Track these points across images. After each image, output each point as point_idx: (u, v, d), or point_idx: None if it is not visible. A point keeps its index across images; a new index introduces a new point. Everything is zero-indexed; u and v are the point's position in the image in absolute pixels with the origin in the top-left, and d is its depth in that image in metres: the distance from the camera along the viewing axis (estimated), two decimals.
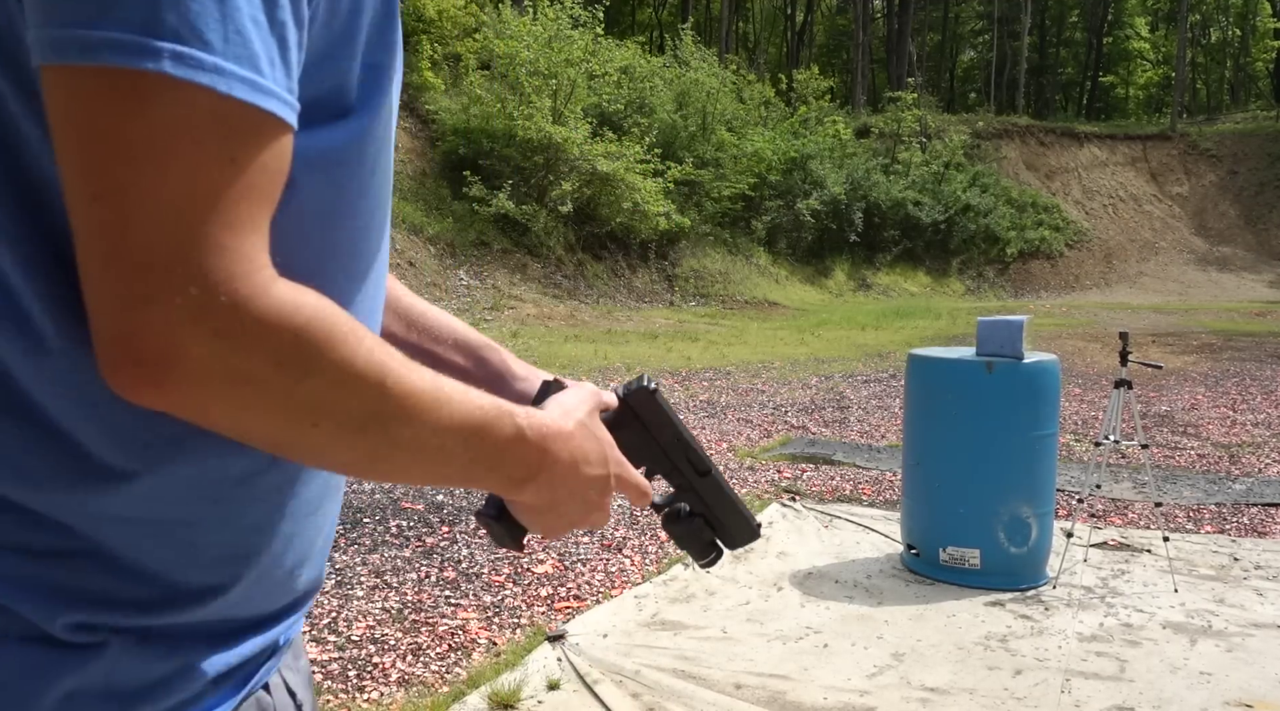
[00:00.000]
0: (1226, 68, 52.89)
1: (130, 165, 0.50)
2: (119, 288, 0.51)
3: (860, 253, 26.69)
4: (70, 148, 0.51)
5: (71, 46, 0.49)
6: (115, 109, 0.50)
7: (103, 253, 0.51)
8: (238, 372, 0.53)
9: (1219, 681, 3.00)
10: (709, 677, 3.00)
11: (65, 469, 0.59)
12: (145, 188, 0.50)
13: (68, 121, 0.50)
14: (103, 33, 0.49)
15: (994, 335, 3.83)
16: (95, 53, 0.49)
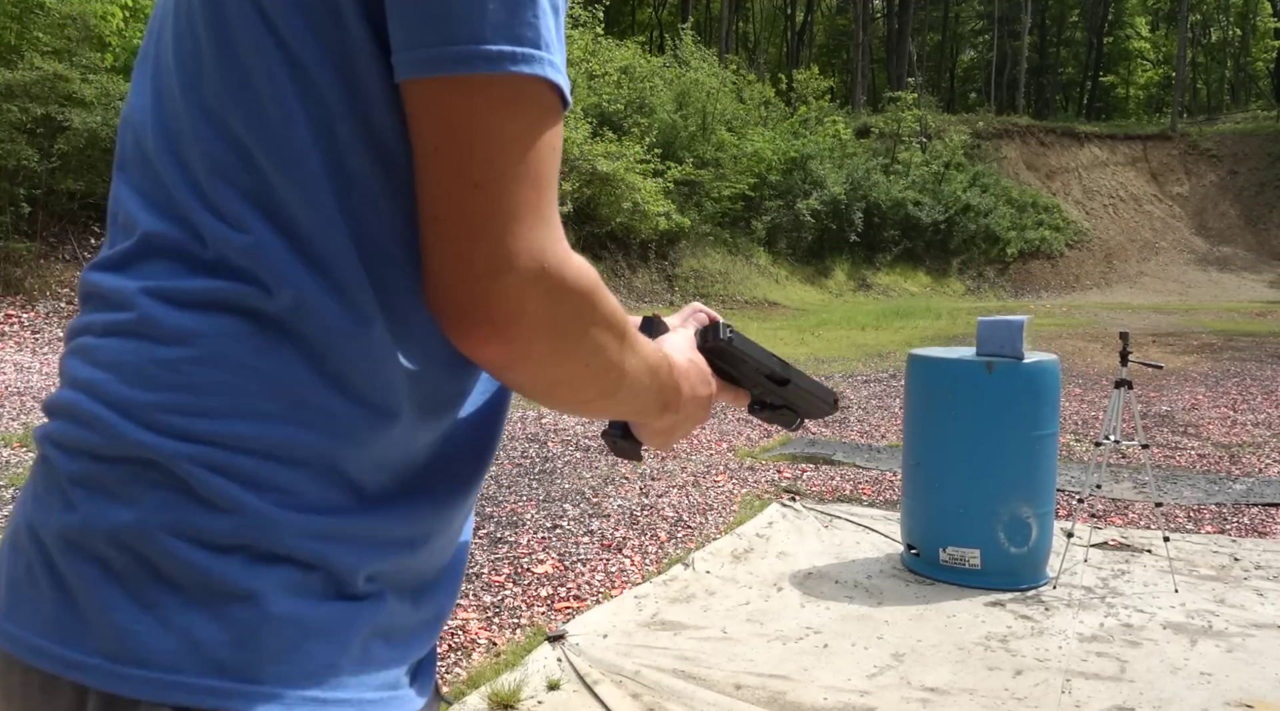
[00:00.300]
0: (1227, 68, 52.87)
1: (507, 156, 0.61)
2: (482, 260, 0.61)
3: (860, 253, 26.68)
4: (455, 144, 0.61)
5: (464, 60, 0.59)
6: (499, 109, 0.60)
7: (472, 231, 0.61)
8: (556, 325, 0.64)
9: (1219, 681, 3.00)
10: (709, 677, 2.99)
11: (377, 435, 0.66)
12: (514, 174, 0.61)
13: (453, 122, 0.60)
14: (501, 45, 0.59)
15: (994, 335, 3.82)
16: (495, 63, 0.59)
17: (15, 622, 0.63)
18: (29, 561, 0.64)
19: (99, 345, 0.65)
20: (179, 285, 0.64)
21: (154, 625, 0.60)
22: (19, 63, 11.10)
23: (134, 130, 0.70)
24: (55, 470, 0.64)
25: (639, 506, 5.05)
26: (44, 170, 11.15)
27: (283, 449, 0.63)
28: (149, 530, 0.61)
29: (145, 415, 0.62)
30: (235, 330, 0.63)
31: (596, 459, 6.18)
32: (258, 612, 0.61)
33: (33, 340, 9.86)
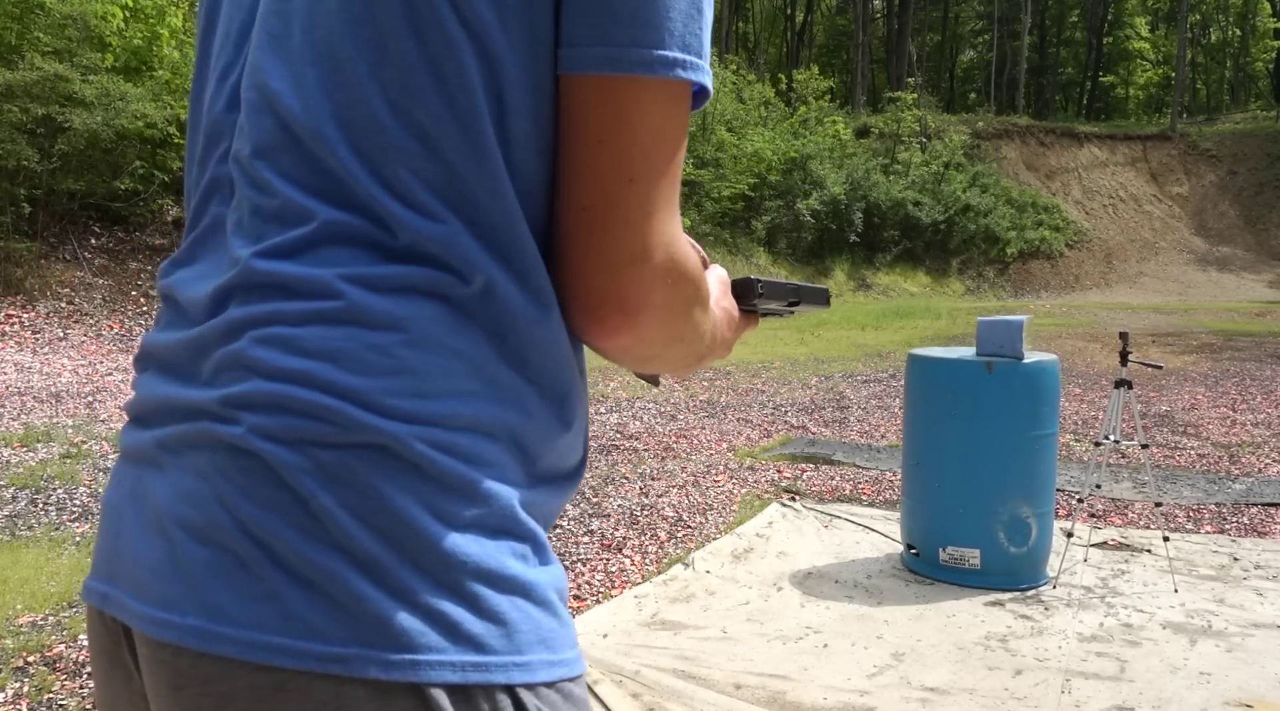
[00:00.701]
0: (1226, 68, 52.88)
1: (660, 153, 0.66)
2: (625, 251, 0.66)
3: (860, 253, 26.69)
4: (621, 139, 0.65)
5: (646, 63, 0.64)
6: (664, 110, 0.65)
7: (621, 222, 0.66)
8: (672, 310, 0.70)
9: (1219, 681, 3.00)
10: (709, 677, 3.00)
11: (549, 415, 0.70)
12: (663, 171, 0.66)
13: (623, 118, 0.65)
14: (673, 53, 0.64)
15: (994, 335, 3.83)
16: (671, 69, 0.64)
17: (235, 625, 0.60)
18: (244, 560, 0.60)
19: (301, 334, 0.63)
20: (376, 271, 0.64)
21: (409, 609, 0.60)
22: (19, 63, 11.10)
23: (275, 115, 0.67)
24: (272, 464, 0.61)
25: (639, 506, 5.05)
26: (44, 170, 11.16)
27: (488, 426, 0.65)
28: (391, 514, 0.61)
29: (372, 400, 0.61)
30: (434, 314, 0.64)
31: (596, 459, 6.19)
32: (497, 586, 0.63)
33: (33, 340, 9.87)
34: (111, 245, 12.10)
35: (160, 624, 0.62)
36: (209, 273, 0.70)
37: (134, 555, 0.65)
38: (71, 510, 4.71)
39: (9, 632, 3.26)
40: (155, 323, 0.76)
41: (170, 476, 0.65)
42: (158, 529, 0.64)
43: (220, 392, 0.63)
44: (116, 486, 0.71)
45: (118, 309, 11.14)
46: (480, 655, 0.62)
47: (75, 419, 6.82)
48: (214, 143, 0.73)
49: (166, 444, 0.66)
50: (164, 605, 0.62)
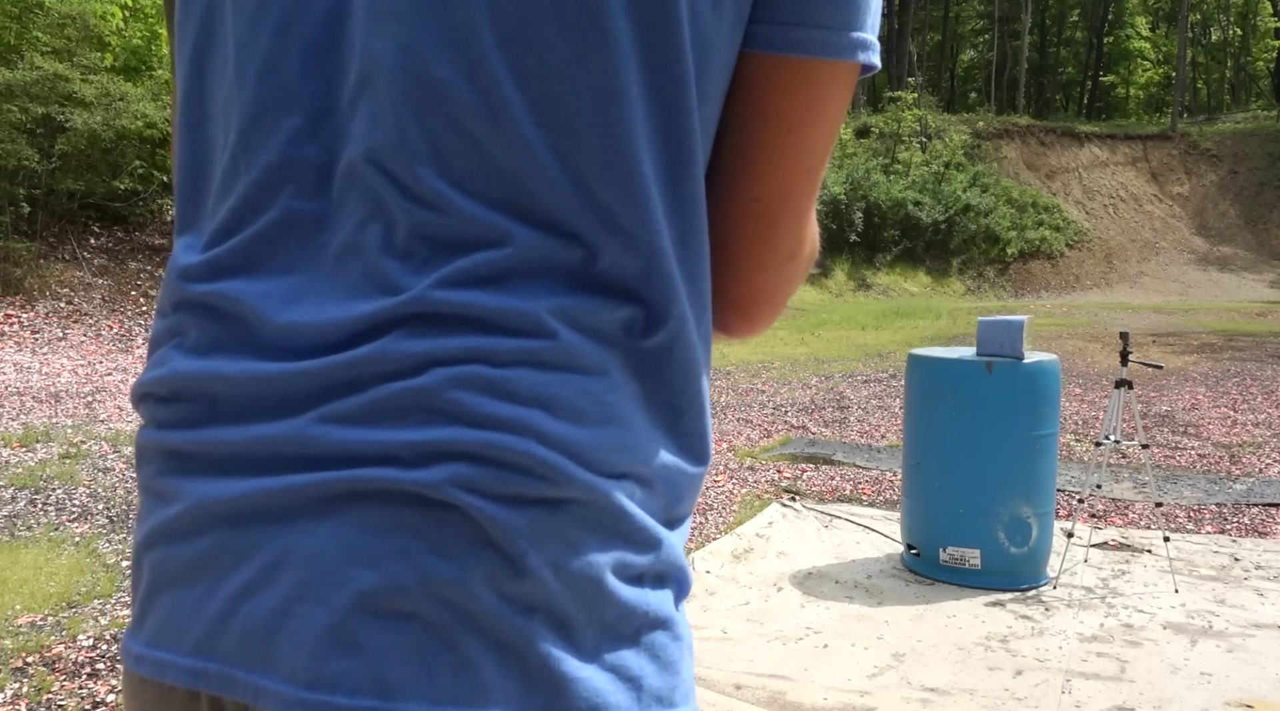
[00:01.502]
0: (1227, 67, 52.88)
1: (832, 141, 0.63)
2: (788, 244, 0.64)
3: (860, 253, 26.68)
4: (814, 126, 0.61)
5: (851, 48, 0.59)
6: (849, 97, 0.62)
7: (790, 218, 0.63)
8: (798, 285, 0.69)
9: (1219, 681, 3.00)
10: (709, 677, 2.99)
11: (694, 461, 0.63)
12: (825, 160, 0.63)
13: (818, 106, 0.60)
14: (868, 35, 0.60)
15: (994, 335, 3.82)
16: (867, 52, 0.60)
17: (420, 701, 0.52)
18: (429, 625, 0.52)
19: (512, 376, 0.54)
20: (581, 304, 0.56)
21: (598, 669, 0.55)
22: (19, 62, 11.11)
23: (444, 112, 0.54)
24: (476, 519, 0.53)
25: None
26: (44, 170, 11.16)
27: (660, 474, 0.59)
28: (589, 571, 0.55)
29: (586, 453, 0.55)
30: (622, 355, 0.57)
31: None
32: (668, 636, 0.60)
33: (32, 340, 9.87)
34: (111, 245, 12.10)
35: (320, 707, 0.52)
36: (313, 288, 0.57)
37: (261, 624, 0.54)
38: (70, 510, 4.70)
39: (8, 633, 3.26)
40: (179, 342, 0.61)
41: (320, 530, 0.54)
42: (308, 593, 0.53)
43: (403, 437, 0.53)
44: (196, 544, 0.57)
45: (117, 309, 11.14)
46: (659, 707, 0.58)
47: (74, 419, 6.82)
48: (273, 114, 0.58)
49: (301, 494, 0.54)
50: (320, 684, 0.52)
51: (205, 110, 0.63)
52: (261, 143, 0.58)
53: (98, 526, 4.47)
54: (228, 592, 0.55)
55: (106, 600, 3.59)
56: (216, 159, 0.62)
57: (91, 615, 3.44)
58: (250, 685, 0.54)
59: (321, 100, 0.57)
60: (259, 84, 0.58)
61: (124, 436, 6.29)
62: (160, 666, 0.58)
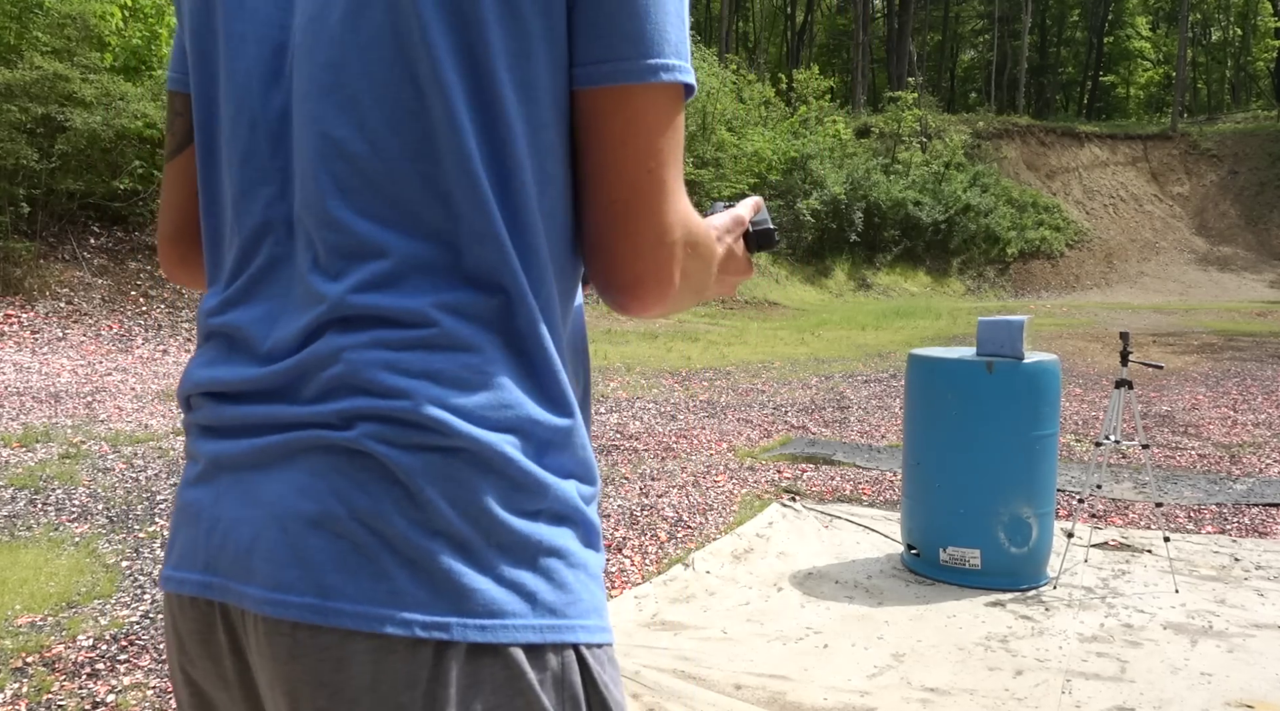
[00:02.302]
0: (1227, 67, 52.87)
1: (670, 144, 0.77)
2: (655, 231, 0.77)
3: (860, 253, 26.68)
4: (636, 138, 0.75)
5: (652, 71, 0.75)
6: (670, 109, 0.76)
7: (646, 211, 0.76)
8: (692, 276, 0.82)
9: (1220, 682, 3.00)
10: (709, 678, 2.99)
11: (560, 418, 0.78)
12: (673, 159, 0.77)
13: (639, 121, 0.75)
14: (670, 59, 0.76)
15: (994, 335, 3.82)
16: (669, 73, 0.75)
17: (348, 601, 0.70)
18: (356, 544, 0.71)
19: (404, 357, 0.73)
20: (458, 297, 0.74)
21: (495, 583, 0.72)
22: (19, 62, 11.10)
23: (345, 160, 0.74)
24: (386, 465, 0.71)
25: (639, 506, 5.04)
26: (44, 170, 11.15)
27: (535, 427, 0.75)
28: (481, 506, 0.72)
29: (469, 412, 0.72)
30: (495, 335, 0.75)
31: (596, 459, 6.17)
32: (565, 562, 0.76)
33: (32, 340, 9.86)
34: (111, 245, 12.09)
35: (277, 604, 0.71)
36: (282, 309, 0.78)
37: (242, 546, 0.74)
38: (70, 510, 4.70)
39: (8, 633, 3.26)
40: (202, 358, 0.84)
41: (279, 476, 0.74)
42: (273, 522, 0.73)
43: (333, 407, 0.73)
44: (209, 488, 0.79)
45: (117, 309, 11.13)
46: (555, 619, 0.74)
47: (74, 419, 6.82)
48: (254, 187, 0.80)
49: (272, 450, 0.75)
50: (279, 587, 0.71)
51: (213, 193, 0.85)
52: (248, 209, 0.80)
53: (97, 526, 4.47)
54: (225, 524, 0.76)
55: (106, 600, 3.58)
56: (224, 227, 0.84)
57: (91, 615, 3.44)
58: (238, 592, 0.74)
59: (285, 172, 0.78)
60: (243, 168, 0.80)
61: (123, 436, 6.29)
62: (181, 582, 0.79)
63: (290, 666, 0.71)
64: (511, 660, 0.71)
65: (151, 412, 7.15)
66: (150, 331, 10.83)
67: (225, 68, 0.81)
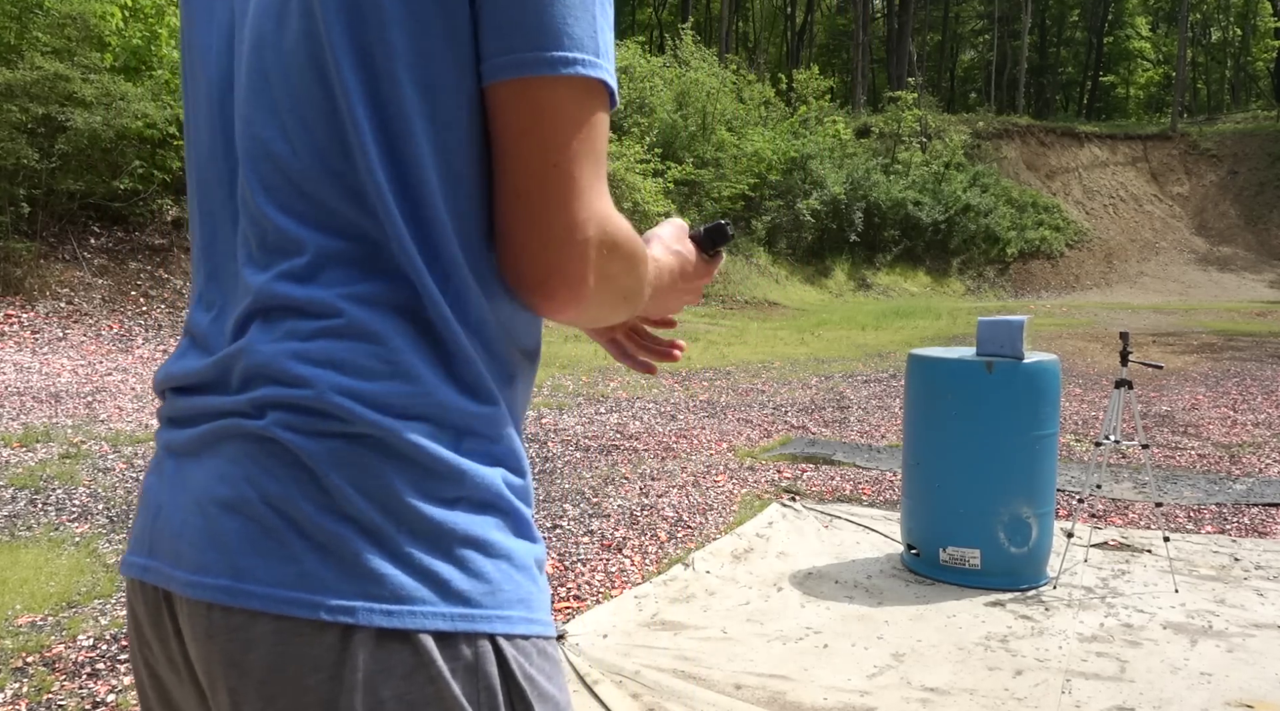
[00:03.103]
0: (1227, 67, 52.87)
1: (577, 140, 0.75)
2: (560, 227, 0.75)
3: (860, 253, 26.68)
4: (537, 133, 0.74)
5: (550, 64, 0.74)
6: (573, 103, 0.75)
7: (553, 203, 0.75)
8: (611, 277, 0.79)
9: (1219, 681, 3.00)
10: (709, 678, 2.99)
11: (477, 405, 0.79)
12: (582, 155, 0.75)
13: (539, 115, 0.74)
14: (573, 53, 0.74)
15: (994, 335, 3.82)
16: (570, 67, 0.74)
17: (258, 582, 0.72)
18: (267, 528, 0.73)
19: (311, 347, 0.75)
20: (367, 289, 0.75)
21: (406, 569, 0.72)
22: (19, 62, 11.09)
23: (270, 160, 0.78)
24: (292, 450, 0.73)
25: (639, 506, 5.05)
26: (44, 170, 11.15)
27: (451, 415, 0.76)
28: (390, 492, 0.73)
29: (372, 399, 0.74)
30: (404, 323, 0.76)
31: (596, 459, 6.18)
32: (483, 551, 0.76)
33: (32, 340, 9.86)
34: (111, 245, 12.09)
35: (196, 586, 0.74)
36: (228, 303, 0.82)
37: (173, 530, 0.78)
38: (71, 510, 4.70)
39: (8, 633, 3.26)
40: (173, 355, 0.89)
41: (206, 463, 0.77)
42: (195, 507, 0.76)
43: (248, 396, 0.76)
44: (157, 474, 0.83)
45: (117, 309, 11.13)
46: (467, 608, 0.74)
47: (74, 419, 6.82)
48: (212, 189, 0.84)
49: (203, 438, 0.78)
50: (199, 569, 0.74)
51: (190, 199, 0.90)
52: (208, 210, 0.85)
53: (98, 526, 4.47)
54: (164, 509, 0.80)
55: (106, 600, 3.59)
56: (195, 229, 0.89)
57: (91, 615, 3.44)
58: (169, 575, 0.77)
59: (234, 173, 0.82)
60: (204, 171, 0.86)
61: (124, 436, 6.29)
62: (129, 566, 0.82)
63: (207, 646, 0.74)
64: (421, 647, 0.72)
65: (152, 412, 7.15)
66: (150, 331, 10.83)
67: (200, 78, 0.87)
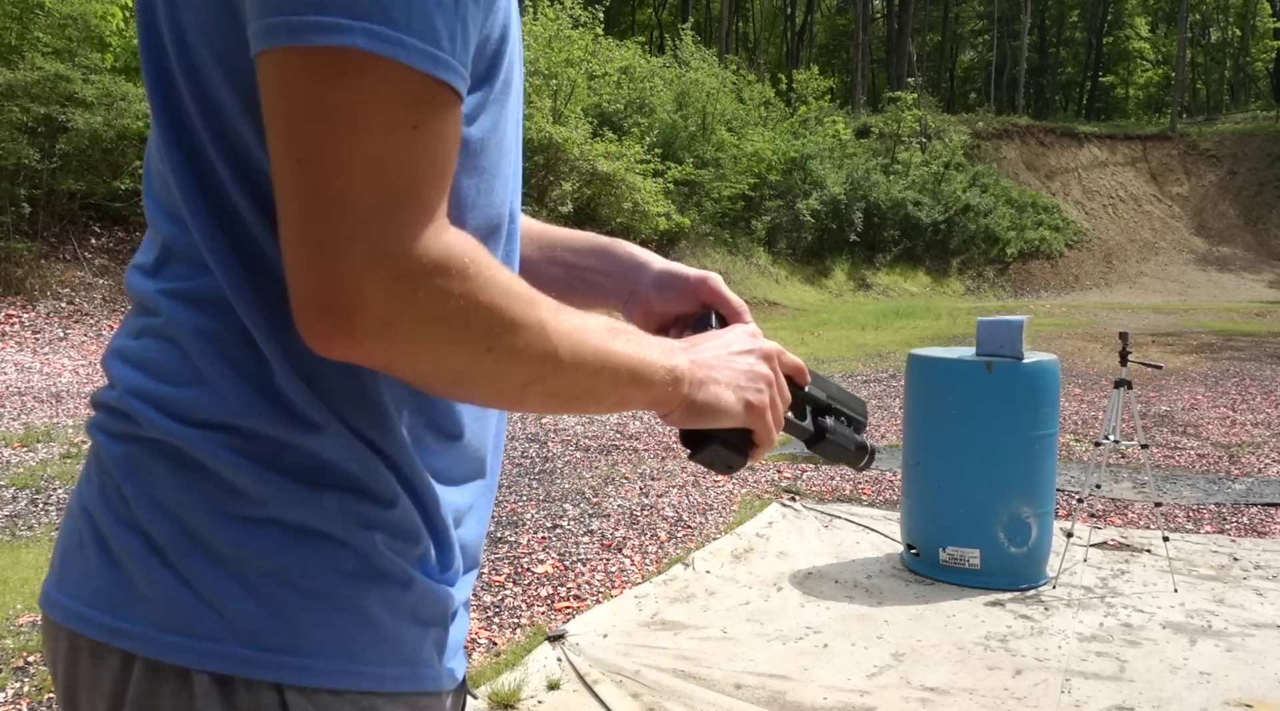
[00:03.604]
0: (1226, 68, 52.87)
1: (330, 130, 0.57)
2: (312, 244, 0.58)
3: (860, 253, 26.67)
4: (279, 119, 0.58)
5: (281, 30, 0.57)
6: (318, 81, 0.57)
7: (301, 210, 0.58)
8: (418, 314, 0.59)
9: (1218, 681, 3.00)
10: (709, 677, 3.00)
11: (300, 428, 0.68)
12: (341, 150, 0.57)
13: (279, 97, 0.58)
14: (306, 16, 0.56)
15: (994, 335, 3.83)
16: (301, 34, 0.56)
17: (65, 593, 0.69)
18: (81, 536, 0.69)
19: (131, 345, 0.71)
20: (190, 285, 0.68)
21: (193, 595, 0.64)
22: (20, 63, 11.10)
23: (149, 161, 0.75)
24: (101, 455, 0.70)
25: (639, 506, 5.05)
26: (45, 170, 11.16)
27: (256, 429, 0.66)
28: (186, 507, 0.66)
29: (171, 406, 0.67)
30: (221, 327, 0.67)
31: (596, 459, 6.19)
32: (291, 586, 0.65)
33: (33, 340, 9.86)
34: (112, 245, 12.10)
35: (46, 597, 0.72)
36: None
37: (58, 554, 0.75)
38: None
39: (9, 632, 3.26)
40: None
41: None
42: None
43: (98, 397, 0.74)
44: None
45: (118, 309, 11.14)
46: (252, 649, 0.64)
47: (75, 419, 6.82)
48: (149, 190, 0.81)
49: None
50: (51, 572, 0.73)
51: None
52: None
53: None
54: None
55: None
56: None
57: None
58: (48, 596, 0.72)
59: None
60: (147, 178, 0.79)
61: None
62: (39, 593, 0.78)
63: (46, 651, 0.73)
64: (193, 687, 0.63)
65: None
66: None
67: None
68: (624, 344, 0.70)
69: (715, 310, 0.91)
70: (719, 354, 0.79)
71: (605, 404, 0.71)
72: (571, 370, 0.66)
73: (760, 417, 0.79)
